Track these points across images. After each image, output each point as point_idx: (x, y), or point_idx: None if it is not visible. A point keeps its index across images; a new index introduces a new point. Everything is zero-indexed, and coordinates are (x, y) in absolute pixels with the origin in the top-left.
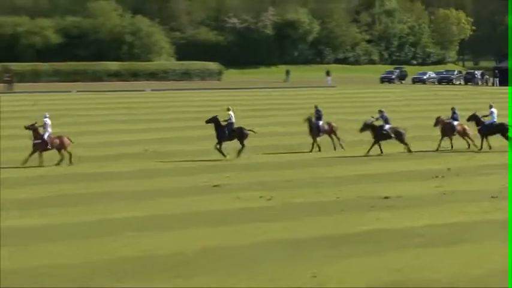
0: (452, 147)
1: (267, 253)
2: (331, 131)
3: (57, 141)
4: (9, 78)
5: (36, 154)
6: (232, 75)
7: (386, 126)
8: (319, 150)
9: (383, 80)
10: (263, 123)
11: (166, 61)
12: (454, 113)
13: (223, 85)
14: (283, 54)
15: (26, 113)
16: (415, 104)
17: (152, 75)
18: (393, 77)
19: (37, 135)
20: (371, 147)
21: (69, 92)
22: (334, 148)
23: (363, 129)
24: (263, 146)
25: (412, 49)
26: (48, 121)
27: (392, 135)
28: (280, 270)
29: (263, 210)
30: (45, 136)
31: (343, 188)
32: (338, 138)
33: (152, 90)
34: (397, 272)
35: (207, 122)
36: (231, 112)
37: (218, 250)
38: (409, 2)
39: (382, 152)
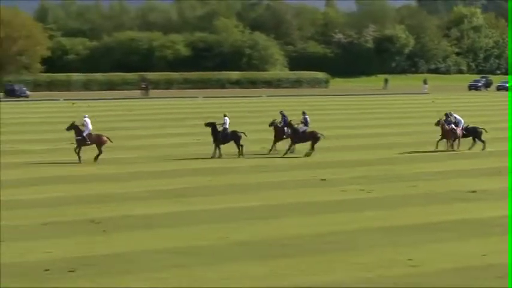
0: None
1: (366, 239)
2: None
3: (96, 138)
4: (145, 86)
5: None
6: (337, 83)
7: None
8: (270, 152)
9: (470, 88)
10: (368, 124)
11: (280, 71)
12: (448, 116)
13: (330, 92)
14: (382, 65)
15: (160, 115)
16: (498, 108)
17: (268, 83)
18: (480, 85)
19: (78, 132)
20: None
21: (197, 97)
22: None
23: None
24: (367, 145)
25: (497, 61)
26: (87, 120)
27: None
28: (378, 255)
29: (363, 201)
30: (85, 134)
31: (436, 182)
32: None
33: (268, 96)
34: (483, 256)
35: (206, 125)
36: (226, 118)
37: (322, 236)
38: (494, 19)
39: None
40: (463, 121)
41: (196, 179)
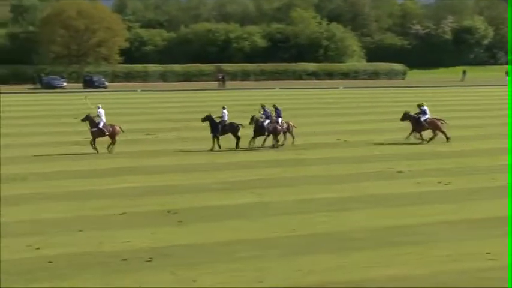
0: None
1: (443, 232)
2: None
3: (110, 128)
4: (221, 77)
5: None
6: (415, 75)
7: None
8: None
9: None
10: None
11: (357, 62)
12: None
13: (407, 84)
14: (460, 57)
15: (236, 106)
16: None
17: (345, 75)
18: None
19: (93, 124)
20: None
21: (273, 88)
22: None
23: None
24: (444, 137)
25: None
26: (101, 111)
27: None
28: (455, 248)
29: (440, 194)
30: (101, 125)
31: None
32: (293, 137)
33: (344, 87)
34: None
35: (203, 120)
36: (225, 110)
37: (397, 228)
38: None
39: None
40: (428, 113)
41: (268, 171)
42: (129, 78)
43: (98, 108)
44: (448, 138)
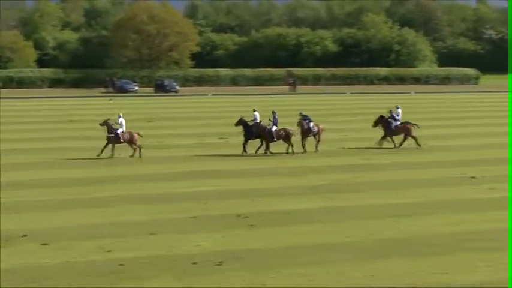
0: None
1: None
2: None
3: (128, 136)
4: (292, 82)
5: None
6: (487, 80)
7: None
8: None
9: None
10: None
11: (429, 67)
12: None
13: (480, 89)
14: None
15: (307, 112)
16: None
17: (416, 80)
18: None
19: (111, 130)
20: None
21: (344, 93)
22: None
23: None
24: None
25: None
26: (122, 120)
27: None
28: None
29: None
30: (119, 131)
31: None
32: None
33: (416, 92)
34: None
35: (236, 124)
36: (256, 113)
37: (468, 234)
38: None
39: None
40: (400, 118)
41: (339, 176)
42: (200, 83)
43: (119, 117)
44: (419, 145)
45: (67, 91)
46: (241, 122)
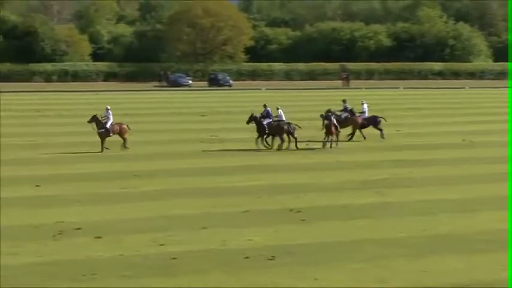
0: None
1: None
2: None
3: (117, 127)
4: (346, 76)
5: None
6: None
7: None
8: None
9: None
10: None
11: (483, 62)
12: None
13: None
14: None
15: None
16: None
17: (471, 75)
18: None
19: (100, 125)
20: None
21: (397, 88)
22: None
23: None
24: None
25: None
26: (110, 112)
27: None
28: None
29: None
30: (108, 125)
31: None
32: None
33: (470, 87)
34: None
35: (248, 122)
36: (280, 110)
37: None
38: None
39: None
40: (366, 111)
41: (394, 171)
42: (254, 77)
43: (107, 110)
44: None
45: (121, 85)
46: (252, 119)
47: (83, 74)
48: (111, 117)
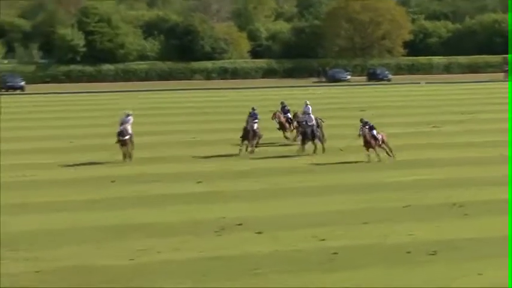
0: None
1: None
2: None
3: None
4: (507, 69)
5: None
6: None
7: None
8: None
9: None
10: None
11: None
12: (284, 107)
13: None
14: None
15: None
16: None
17: None
18: None
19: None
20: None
21: None
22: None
23: None
24: None
25: None
26: (129, 119)
27: None
28: None
29: None
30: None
31: None
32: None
33: None
34: None
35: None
36: (308, 106)
37: None
38: None
39: None
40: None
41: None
42: (413, 71)
43: (128, 115)
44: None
45: (280, 81)
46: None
47: (242, 71)
48: (130, 123)
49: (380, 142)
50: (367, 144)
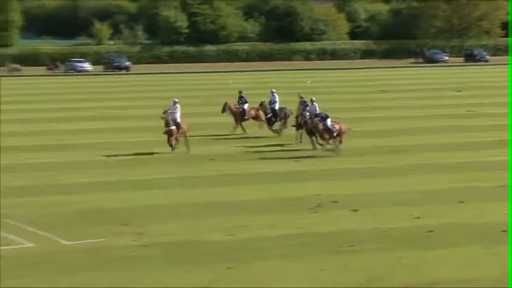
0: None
1: None
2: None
3: (184, 127)
4: None
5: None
6: None
7: None
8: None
9: None
10: None
11: None
12: (241, 97)
13: None
14: None
15: None
16: None
17: None
18: None
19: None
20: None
21: None
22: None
23: None
24: None
25: None
26: (177, 106)
27: None
28: None
29: None
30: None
31: None
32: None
33: None
34: None
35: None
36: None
37: None
38: None
39: None
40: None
41: None
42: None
43: (175, 102)
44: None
45: (378, 62)
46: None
47: (341, 53)
48: (178, 110)
49: (335, 134)
50: (322, 137)
